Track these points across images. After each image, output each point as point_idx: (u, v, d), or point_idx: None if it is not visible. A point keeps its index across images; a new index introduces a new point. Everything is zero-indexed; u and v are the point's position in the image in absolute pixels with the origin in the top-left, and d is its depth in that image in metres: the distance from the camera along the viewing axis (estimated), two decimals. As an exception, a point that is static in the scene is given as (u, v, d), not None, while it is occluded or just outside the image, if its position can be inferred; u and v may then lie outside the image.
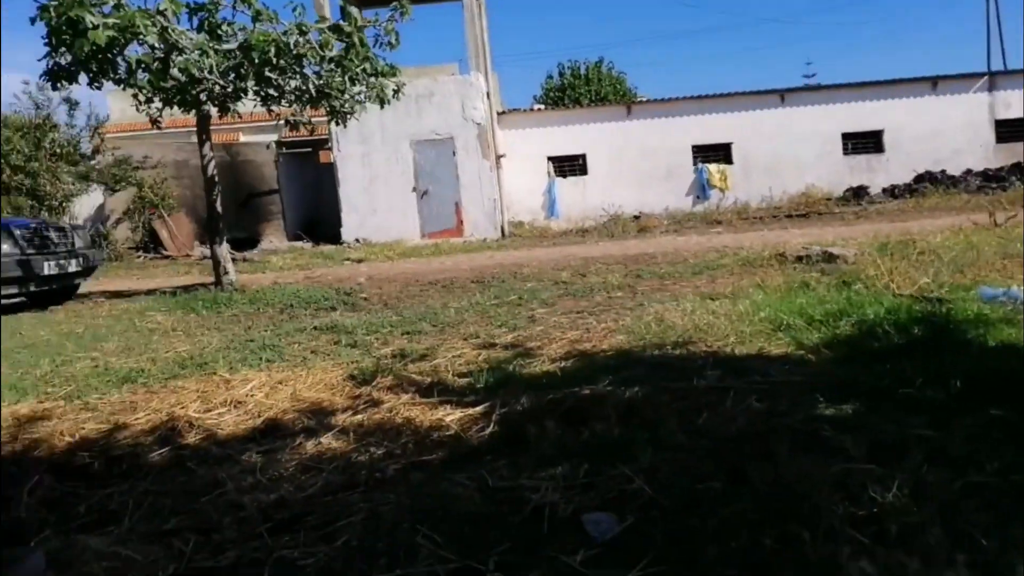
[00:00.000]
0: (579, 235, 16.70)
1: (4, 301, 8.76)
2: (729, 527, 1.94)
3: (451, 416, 3.27)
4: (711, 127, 19.13)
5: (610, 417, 2.87)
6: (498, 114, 18.67)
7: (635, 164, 18.90)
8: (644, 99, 23.08)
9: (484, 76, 17.47)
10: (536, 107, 24.57)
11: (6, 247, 7.99)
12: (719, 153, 19.32)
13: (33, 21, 6.69)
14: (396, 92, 8.61)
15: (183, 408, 3.86)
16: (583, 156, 19.28)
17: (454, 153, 17.27)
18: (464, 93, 17.19)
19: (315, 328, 6.14)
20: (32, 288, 8.52)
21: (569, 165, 19.36)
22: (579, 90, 31.36)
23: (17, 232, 8.28)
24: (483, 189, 17.30)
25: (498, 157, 17.82)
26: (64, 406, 4.14)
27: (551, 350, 4.55)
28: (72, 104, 15.95)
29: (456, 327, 5.75)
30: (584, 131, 19.19)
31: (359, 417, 3.49)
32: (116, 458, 3.29)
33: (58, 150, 15.66)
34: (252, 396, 3.99)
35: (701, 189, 19.13)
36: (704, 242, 12.28)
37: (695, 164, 19.22)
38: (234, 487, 2.68)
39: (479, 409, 3.29)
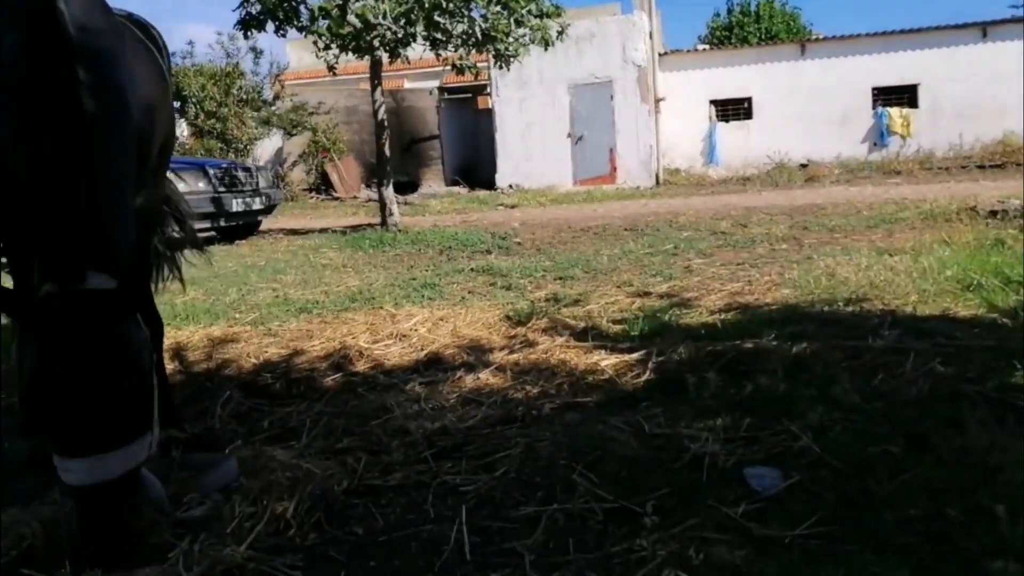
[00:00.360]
0: (740, 184, 15.96)
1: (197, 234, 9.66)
2: (908, 494, 1.82)
3: (606, 361, 3.26)
4: (895, 67, 17.41)
5: (776, 372, 2.75)
6: (659, 55, 18.00)
7: (806, 108, 17.63)
8: (820, 36, 21.36)
9: (647, 15, 16.86)
10: (700, 47, 23.44)
11: (201, 185, 8.80)
12: (903, 96, 17.61)
13: (226, -27, 7.21)
14: (560, 33, 8.52)
15: (353, 338, 4.12)
16: (748, 99, 18.24)
17: (612, 97, 16.91)
18: (626, 34, 16.70)
19: (472, 269, 6.33)
20: (222, 223, 9.37)
21: (733, 109, 18.40)
22: (747, 28, 29.52)
23: (211, 171, 9.11)
24: (639, 135, 16.87)
25: (657, 101, 17.26)
26: (250, 331, 4.55)
27: (709, 301, 4.41)
28: (257, 53, 17.13)
29: (609, 274, 5.71)
30: (751, 72, 18.09)
31: (515, 356, 3.57)
32: (295, 380, 3.58)
33: (244, 96, 16.91)
34: (416, 330, 4.19)
35: (879, 136, 17.58)
36: (880, 193, 11.35)
37: (874, 108, 17.65)
38: (401, 413, 2.83)
39: (634, 356, 3.26)
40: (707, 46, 25.46)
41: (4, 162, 2.02)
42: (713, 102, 18.38)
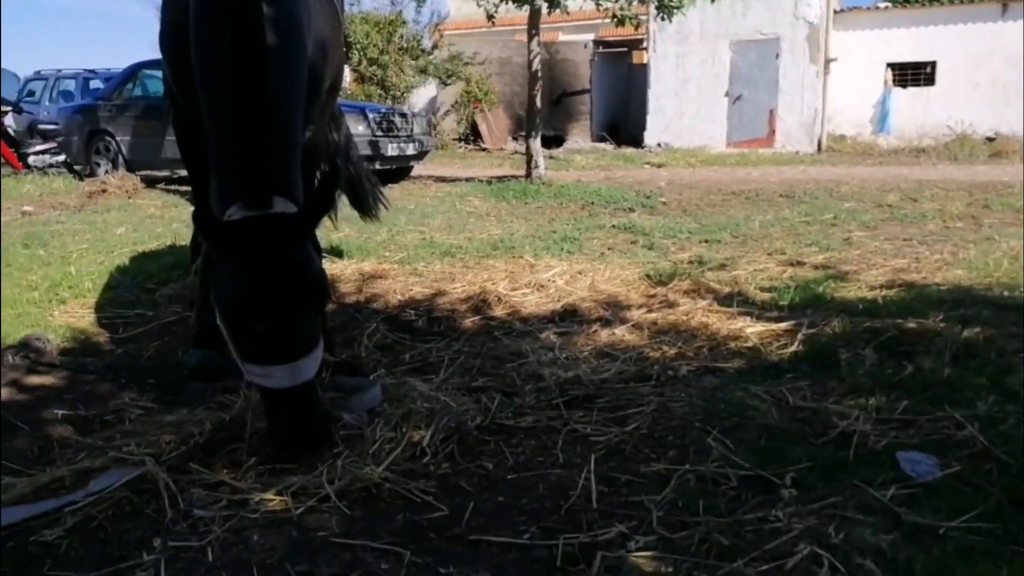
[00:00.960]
0: (913, 155, 14.68)
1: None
2: (1093, 501, 1.63)
3: (750, 328, 3.13)
4: (1119, 30, 15.17)
5: (941, 355, 2.52)
6: (834, 12, 16.69)
7: (1000, 75, 15.78)
8: (1026, -5, 18.97)
9: (825, -31, 15.65)
10: (881, 5, 21.52)
11: (360, 128, 9.17)
12: (1126, 64, 15.34)
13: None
14: (727, -14, 8.03)
15: (493, 284, 4.19)
16: (932, 64, 16.56)
17: (777, 56, 15.92)
18: (798, -12, 15.60)
19: (613, 226, 6.23)
20: (377, 166, 9.74)
21: (912, 73, 16.80)
22: (939, -15, 26.69)
23: (370, 115, 9.46)
24: (804, 97, 15.82)
25: (827, 61, 16.08)
26: (397, 269, 4.74)
27: (870, 276, 4.11)
28: (419, 2, 17.44)
29: (759, 241, 5.45)
30: (938, 34, 16.38)
31: (653, 315, 3.50)
32: (436, 318, 3.70)
33: (404, 45, 17.35)
34: (553, 282, 4.20)
35: (1089, 110, 15.50)
36: (1082, 174, 10.07)
37: (1087, 78, 15.54)
38: (535, 360, 2.86)
39: (782, 325, 3.10)
40: (889, 3, 23.31)
41: (194, 94, 2.18)
42: (891, 65, 16.85)
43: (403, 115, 10.27)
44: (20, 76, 14.89)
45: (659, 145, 16.99)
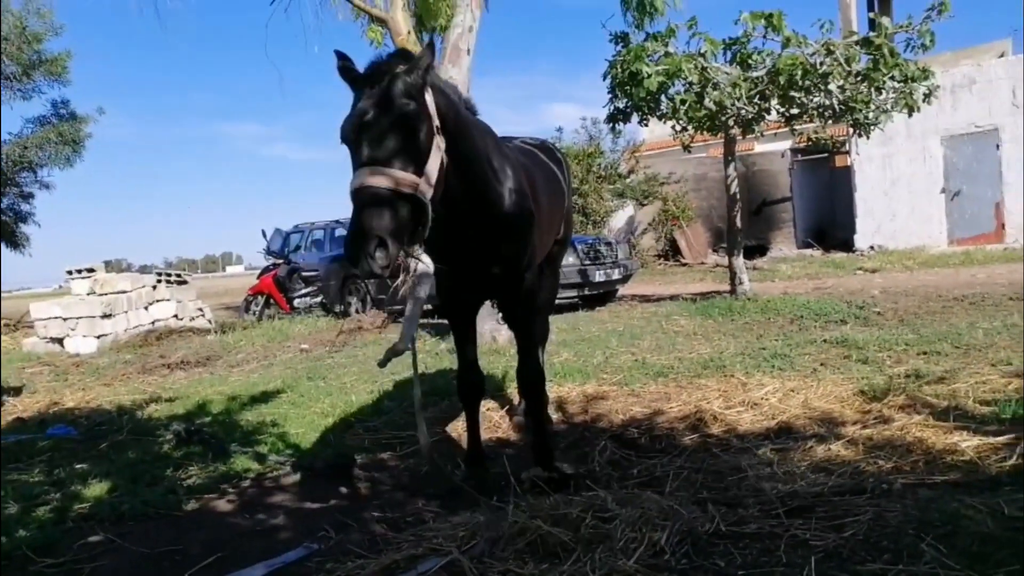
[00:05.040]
0: None
1: (564, 302, 10.96)
2: None
3: (967, 442, 3.24)
4: None
5: None
6: (1061, 95, 15.59)
7: None
8: None
9: (1044, 53, 14.83)
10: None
11: (571, 259, 10.06)
12: None
13: (605, 76, 8.43)
14: (927, 96, 8.07)
15: (707, 403, 4.54)
16: None
17: (998, 147, 15.07)
18: (1016, 76, 14.86)
19: (824, 341, 6.29)
20: (585, 292, 10.53)
21: None
22: None
23: (579, 247, 10.37)
24: (1035, 186, 14.72)
25: (1057, 147, 14.92)
26: (616, 390, 5.22)
27: (1107, 386, 3.97)
28: (616, 133, 18.69)
29: (983, 351, 5.32)
30: None
31: (868, 431, 3.68)
32: (657, 436, 4.13)
33: (602, 173, 18.55)
34: (766, 399, 4.48)
35: None
36: None
37: None
38: (754, 475, 3.19)
39: (1001, 439, 3.19)
40: None
41: None
42: None
43: (608, 244, 11.09)
44: (283, 230, 17.83)
45: (871, 248, 16.42)
